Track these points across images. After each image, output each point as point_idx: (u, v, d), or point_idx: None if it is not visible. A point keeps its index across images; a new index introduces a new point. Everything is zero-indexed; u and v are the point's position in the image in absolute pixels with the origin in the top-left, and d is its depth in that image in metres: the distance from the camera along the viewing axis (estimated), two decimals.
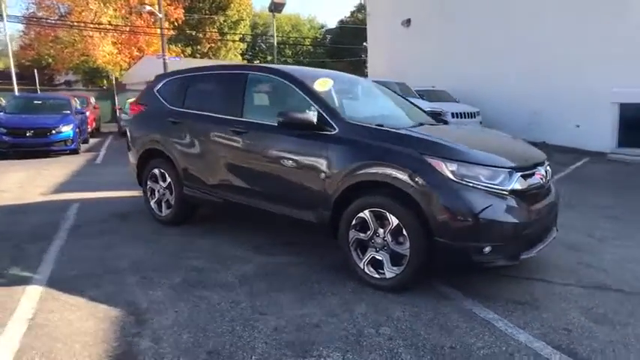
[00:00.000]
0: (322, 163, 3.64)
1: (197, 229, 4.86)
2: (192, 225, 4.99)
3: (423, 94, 13.23)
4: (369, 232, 3.43)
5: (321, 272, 3.76)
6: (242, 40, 43.36)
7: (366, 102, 4.93)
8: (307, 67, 4.37)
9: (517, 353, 2.64)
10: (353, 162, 3.48)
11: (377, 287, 3.41)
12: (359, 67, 44.91)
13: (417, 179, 3.16)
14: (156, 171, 5.07)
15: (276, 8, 21.11)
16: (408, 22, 17.73)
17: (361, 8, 50.22)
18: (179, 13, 31.22)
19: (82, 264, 3.89)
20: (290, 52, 50.72)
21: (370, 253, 3.45)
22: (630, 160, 10.27)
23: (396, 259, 3.33)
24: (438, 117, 5.59)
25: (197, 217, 5.16)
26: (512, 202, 3.19)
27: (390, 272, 3.35)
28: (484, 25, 14.40)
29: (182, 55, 32.74)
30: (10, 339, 2.71)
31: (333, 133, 3.65)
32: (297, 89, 3.98)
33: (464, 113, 12.52)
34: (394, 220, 3.27)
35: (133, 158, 5.42)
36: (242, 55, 44.91)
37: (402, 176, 3.22)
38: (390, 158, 3.31)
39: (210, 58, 37.22)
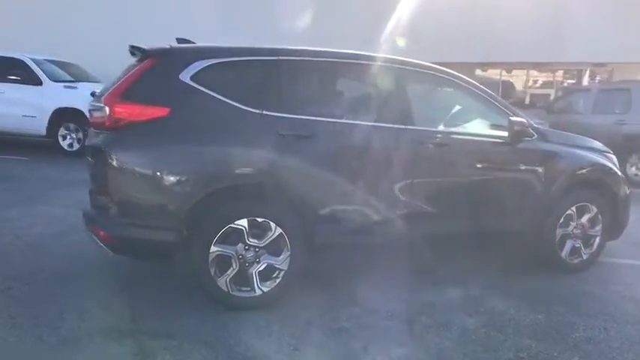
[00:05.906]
0: (543, 170, 3.71)
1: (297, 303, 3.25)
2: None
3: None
4: (571, 226, 3.88)
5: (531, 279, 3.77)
6: None
7: None
8: None
9: None
10: (568, 165, 3.83)
11: (573, 271, 3.92)
12: None
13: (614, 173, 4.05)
14: (241, 223, 2.90)
15: None
16: None
17: None
18: None
19: None
20: None
21: (570, 244, 3.90)
22: None
23: (587, 243, 3.98)
24: None
25: None
26: None
27: (585, 255, 3.97)
28: None
29: None
30: None
31: (534, 138, 3.72)
32: (487, 97, 3.71)
33: None
34: (594, 209, 3.92)
35: (157, 215, 2.83)
36: None
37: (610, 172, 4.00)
38: (599, 159, 3.98)
39: None
